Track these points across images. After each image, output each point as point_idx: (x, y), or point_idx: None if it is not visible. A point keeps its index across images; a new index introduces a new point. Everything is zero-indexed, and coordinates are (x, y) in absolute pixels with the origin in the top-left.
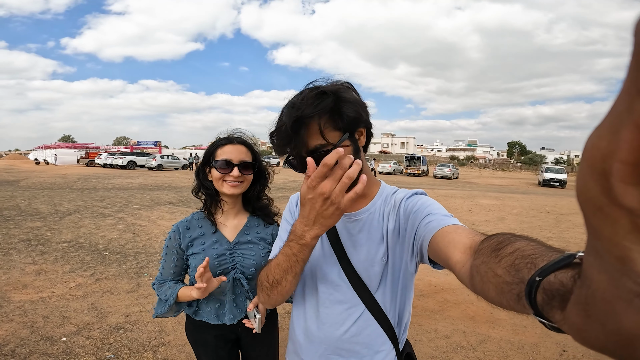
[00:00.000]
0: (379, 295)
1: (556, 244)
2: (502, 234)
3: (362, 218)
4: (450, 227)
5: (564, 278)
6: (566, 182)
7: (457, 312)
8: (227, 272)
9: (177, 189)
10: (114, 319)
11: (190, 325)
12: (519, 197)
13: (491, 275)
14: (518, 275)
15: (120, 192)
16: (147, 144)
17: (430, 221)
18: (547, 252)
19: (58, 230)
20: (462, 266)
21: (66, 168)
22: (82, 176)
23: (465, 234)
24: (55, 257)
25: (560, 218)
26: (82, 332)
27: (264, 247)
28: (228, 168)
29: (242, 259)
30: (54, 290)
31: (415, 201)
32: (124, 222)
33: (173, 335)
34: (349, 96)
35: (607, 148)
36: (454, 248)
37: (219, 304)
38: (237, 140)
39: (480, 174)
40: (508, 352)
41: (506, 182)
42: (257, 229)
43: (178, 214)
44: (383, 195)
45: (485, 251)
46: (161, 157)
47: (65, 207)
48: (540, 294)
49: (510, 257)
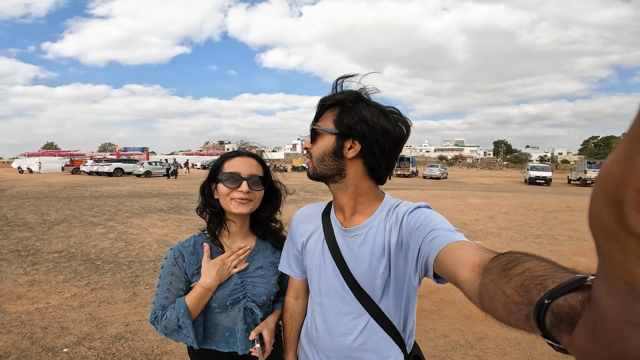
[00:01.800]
0: (383, 304)
1: (544, 241)
2: (512, 252)
3: (362, 233)
4: (456, 243)
5: (573, 302)
6: (551, 180)
7: (454, 312)
8: (238, 302)
9: (167, 195)
10: (114, 328)
11: (195, 354)
12: (507, 196)
13: (500, 294)
14: (527, 296)
15: (108, 200)
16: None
17: (434, 237)
18: (558, 273)
19: (48, 240)
20: (470, 284)
21: (51, 176)
22: (68, 184)
23: (473, 251)
24: (47, 267)
25: (548, 216)
26: (83, 342)
27: (274, 272)
28: (236, 182)
29: (254, 287)
30: (50, 300)
31: (419, 215)
32: (114, 230)
33: (175, 344)
34: (365, 111)
35: (622, 175)
36: (462, 266)
37: (229, 333)
38: (246, 153)
39: (468, 173)
40: (505, 348)
41: (494, 181)
42: (266, 252)
43: (170, 222)
44: (385, 210)
45: (494, 270)
46: (149, 164)
47: (53, 216)
48: (549, 317)
49: (520, 277)
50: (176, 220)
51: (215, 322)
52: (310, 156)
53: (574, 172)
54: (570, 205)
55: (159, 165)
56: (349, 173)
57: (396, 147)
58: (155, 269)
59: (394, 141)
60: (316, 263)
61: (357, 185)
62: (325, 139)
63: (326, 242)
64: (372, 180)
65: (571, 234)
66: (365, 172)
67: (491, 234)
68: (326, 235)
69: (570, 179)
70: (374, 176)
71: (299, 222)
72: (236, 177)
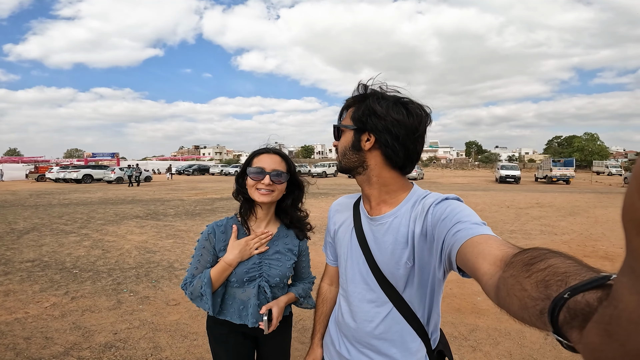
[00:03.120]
0: (407, 294)
1: (519, 236)
2: (537, 248)
3: (387, 222)
4: (480, 237)
5: (590, 299)
6: (520, 178)
7: (443, 306)
8: (254, 280)
9: (142, 202)
10: (102, 337)
11: (211, 323)
12: (481, 194)
13: (518, 288)
14: (546, 291)
15: (79, 207)
16: (104, 155)
17: (459, 230)
18: (581, 271)
19: (18, 249)
20: (489, 278)
21: (15, 184)
22: (34, 192)
23: (497, 245)
24: (21, 277)
25: (520, 212)
26: (71, 352)
27: (290, 258)
28: (260, 176)
29: (269, 268)
30: (28, 310)
31: (445, 207)
32: (89, 238)
33: (170, 351)
34: (375, 105)
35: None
36: (483, 259)
37: (242, 307)
38: (273, 150)
39: (443, 173)
40: (497, 338)
41: (467, 181)
42: (286, 239)
43: (148, 228)
44: (412, 200)
45: (516, 264)
46: (121, 170)
47: (21, 225)
48: (564, 313)
49: (542, 273)
50: (155, 227)
51: (232, 295)
52: (337, 152)
53: (540, 171)
54: (539, 201)
55: (131, 171)
56: (370, 164)
57: (412, 135)
58: (138, 276)
59: (407, 130)
60: (345, 250)
61: (380, 175)
62: (346, 135)
63: (354, 230)
64: (395, 171)
65: (542, 229)
66: (384, 162)
67: None
68: (355, 224)
69: (537, 177)
70: (395, 166)
71: (334, 212)
72: (261, 171)
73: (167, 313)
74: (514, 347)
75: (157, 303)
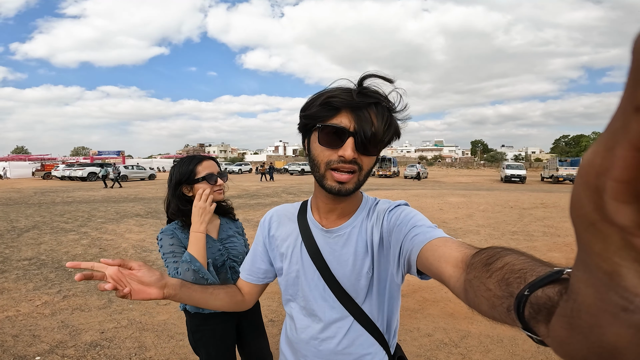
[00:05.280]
0: (366, 306)
1: (521, 237)
2: (492, 248)
3: (344, 233)
4: (438, 240)
5: (550, 293)
6: (525, 178)
7: (437, 310)
8: (224, 264)
9: (144, 200)
10: (88, 336)
11: (196, 322)
12: (484, 194)
13: (483, 289)
14: (508, 289)
15: (81, 205)
16: (109, 153)
17: (416, 234)
18: (536, 267)
19: (17, 247)
20: (456, 281)
21: (20, 182)
22: (39, 190)
23: (455, 247)
24: (17, 275)
25: (523, 212)
26: (56, 350)
27: (240, 237)
28: (214, 179)
29: (232, 249)
30: (20, 309)
31: (399, 213)
32: (88, 236)
33: (154, 351)
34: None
35: (602, 165)
36: (446, 262)
37: None
38: (208, 157)
39: (447, 172)
40: (489, 346)
41: (472, 180)
42: (230, 224)
43: (147, 227)
44: (365, 208)
45: (476, 265)
46: (125, 167)
47: (23, 223)
48: (528, 308)
49: (501, 271)
50: (153, 225)
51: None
52: None
53: (546, 170)
54: (544, 202)
55: (135, 169)
56: None
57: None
58: None
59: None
60: (295, 267)
61: None
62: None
63: (304, 244)
64: None
65: (545, 230)
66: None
67: (470, 232)
68: (304, 237)
69: (543, 177)
70: None
71: (275, 223)
72: (212, 175)
73: (156, 313)
74: (505, 356)
75: (147, 302)
